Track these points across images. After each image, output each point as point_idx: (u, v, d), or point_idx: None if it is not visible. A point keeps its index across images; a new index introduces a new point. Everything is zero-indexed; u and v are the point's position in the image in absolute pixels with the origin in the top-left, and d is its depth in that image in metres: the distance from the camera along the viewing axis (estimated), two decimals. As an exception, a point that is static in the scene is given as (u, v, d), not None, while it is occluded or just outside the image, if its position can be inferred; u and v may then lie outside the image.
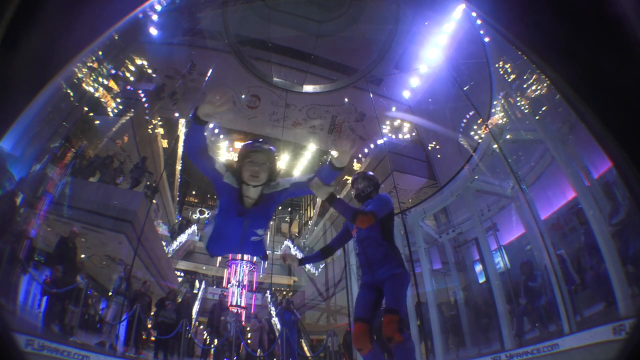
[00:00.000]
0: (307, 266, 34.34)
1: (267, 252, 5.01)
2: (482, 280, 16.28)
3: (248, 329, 19.24)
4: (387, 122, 28.22)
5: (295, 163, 42.48)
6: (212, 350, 17.00)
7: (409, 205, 20.15)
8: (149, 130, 26.25)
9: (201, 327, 19.65)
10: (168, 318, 14.81)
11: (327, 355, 17.72)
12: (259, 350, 16.82)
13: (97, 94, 19.50)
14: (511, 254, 15.05)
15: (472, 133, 18.89)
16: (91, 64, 18.62)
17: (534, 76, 12.30)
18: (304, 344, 21.85)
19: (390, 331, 4.68)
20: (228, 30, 22.73)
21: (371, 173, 6.00)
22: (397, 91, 25.91)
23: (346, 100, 27.53)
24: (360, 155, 32.70)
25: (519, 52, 2.04)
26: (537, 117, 11.93)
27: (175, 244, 31.82)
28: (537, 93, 12.40)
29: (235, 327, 16.62)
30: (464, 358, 13.53)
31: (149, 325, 15.12)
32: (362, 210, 5.04)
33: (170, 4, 20.40)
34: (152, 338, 15.34)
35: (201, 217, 48.08)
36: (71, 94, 17.10)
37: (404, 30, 22.34)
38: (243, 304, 27.78)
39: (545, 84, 11.80)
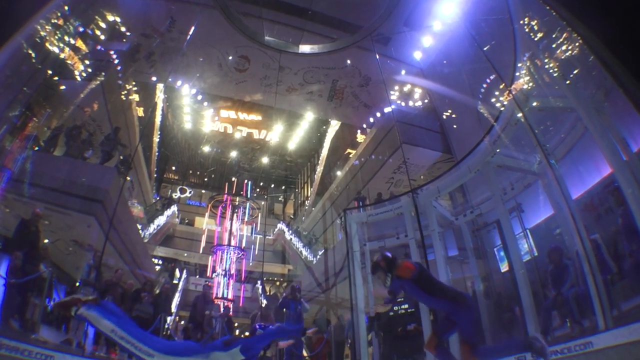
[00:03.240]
0: (304, 252, 34.43)
1: (259, 235, 5.76)
2: (504, 268, 16.29)
3: (236, 324, 19.25)
4: (396, 87, 28.17)
5: (290, 135, 42.50)
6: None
7: (421, 183, 20.12)
8: (122, 96, 26.18)
9: (182, 322, 19.59)
10: (144, 312, 14.74)
11: (328, 354, 17.77)
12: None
13: (62, 55, 19.36)
14: (538, 238, 15.04)
15: (493, 100, 18.81)
16: (56, 21, 18.45)
17: (565, 34, 12.16)
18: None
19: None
20: (212, -19, 22.54)
21: (377, 259, 7.45)
22: (407, 52, 25.83)
23: (348, 62, 27.44)
24: (364, 126, 32.67)
25: (547, 7, 1.99)
26: (567, 82, 11.79)
27: (152, 228, 31.83)
28: (567, 54, 12.25)
29: (221, 322, 16.60)
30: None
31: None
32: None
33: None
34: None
35: (182, 196, 48.05)
36: (33, 55, 16.95)
37: (415, -19, 22.21)
38: (230, 297, 27.75)
39: (577, 44, 11.68)
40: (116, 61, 23.48)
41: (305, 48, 25.71)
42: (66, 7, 17.90)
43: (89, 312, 5.74)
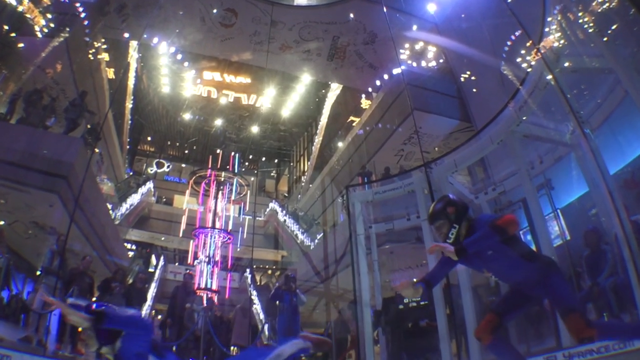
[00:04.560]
0: (300, 236, 34.43)
1: (248, 217, 5.77)
2: (531, 254, 16.24)
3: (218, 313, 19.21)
4: (406, 45, 28.07)
5: (284, 100, 42.30)
6: (173, 348, 16.58)
7: (435, 156, 20.07)
8: (90, 56, 25.97)
9: (159, 317, 19.53)
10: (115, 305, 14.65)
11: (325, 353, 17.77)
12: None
13: (20, 8, 19.23)
14: (571, 220, 14.98)
15: (518, 60, 18.71)
16: (12, -32, 18.37)
17: (602, -16, 12.10)
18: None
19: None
20: None
21: (442, 204, 6.27)
22: (419, 4, 25.71)
23: (351, 16, 27.32)
24: (370, 90, 32.52)
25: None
26: (605, 39, 11.70)
27: (124, 207, 31.82)
28: (605, 7, 12.17)
29: (204, 317, 16.53)
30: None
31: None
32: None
33: None
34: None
35: (159, 170, 47.84)
36: (-15, 8, 16.88)
37: None
38: (215, 287, 27.72)
39: (616, -6, 11.61)
40: (83, 15, 23.27)
41: (301, 0, 25.59)
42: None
43: None
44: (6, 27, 18.71)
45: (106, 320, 5.25)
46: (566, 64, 12.92)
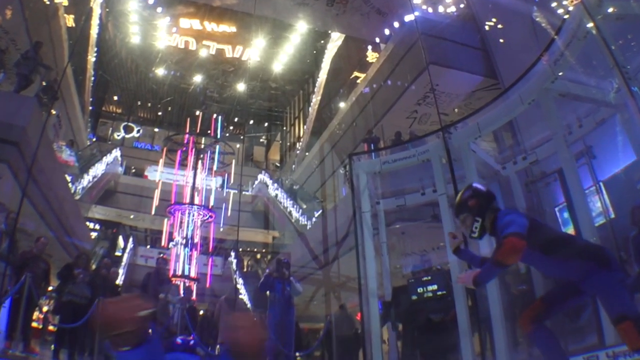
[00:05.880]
0: (295, 214, 34.36)
1: (233, 190, 5.56)
2: (569, 235, 16.17)
3: (201, 312, 19.15)
4: (421, -13, 27.90)
5: (276, 52, 42.12)
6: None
7: (455, 119, 19.97)
8: (45, 0, 25.73)
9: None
10: (79, 296, 14.40)
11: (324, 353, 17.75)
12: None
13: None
14: (615, 194, 14.89)
15: (553, 4, 18.60)
16: None
17: None
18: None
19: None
20: None
21: (465, 195, 6.38)
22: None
23: (355, -49, 27.17)
24: (377, 40, 32.35)
25: None
26: (656, -21, 11.64)
27: (86, 180, 31.46)
28: (658, -60, 12.09)
29: (180, 310, 16.43)
30: (540, 358, 13.22)
31: (46, 308, 14.93)
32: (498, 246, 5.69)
33: None
34: (51, 327, 15.11)
35: (127, 135, 47.61)
36: None
37: None
38: (193, 274, 27.66)
39: None
40: (36, -49, 23.14)
41: None
42: None
43: None
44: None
45: None
46: (610, 10, 12.75)
